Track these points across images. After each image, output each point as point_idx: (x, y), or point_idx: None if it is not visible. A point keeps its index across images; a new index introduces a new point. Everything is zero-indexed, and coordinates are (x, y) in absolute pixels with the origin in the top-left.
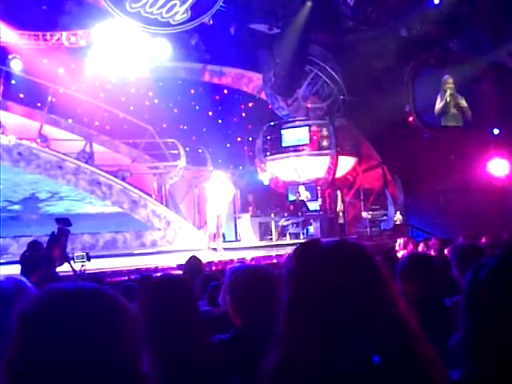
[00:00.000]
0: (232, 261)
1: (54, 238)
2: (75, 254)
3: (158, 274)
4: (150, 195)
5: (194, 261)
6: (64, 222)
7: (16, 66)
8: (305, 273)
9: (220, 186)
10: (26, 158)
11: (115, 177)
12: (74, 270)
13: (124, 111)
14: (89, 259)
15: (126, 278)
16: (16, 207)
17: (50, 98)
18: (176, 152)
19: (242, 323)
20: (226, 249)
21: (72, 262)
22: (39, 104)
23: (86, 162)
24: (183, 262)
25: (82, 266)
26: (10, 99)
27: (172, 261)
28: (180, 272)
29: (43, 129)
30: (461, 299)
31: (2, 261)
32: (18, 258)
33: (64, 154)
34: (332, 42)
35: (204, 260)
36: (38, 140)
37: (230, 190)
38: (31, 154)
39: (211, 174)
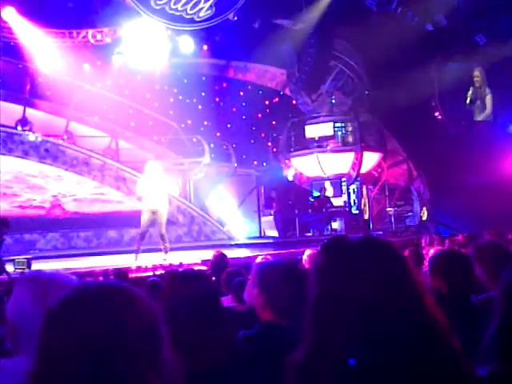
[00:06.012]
0: (255, 257)
1: None
2: (16, 260)
3: (180, 270)
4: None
5: (219, 256)
6: (1, 222)
7: (44, 63)
8: (332, 268)
9: (156, 178)
10: (52, 155)
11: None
12: (8, 276)
13: (149, 108)
14: (29, 266)
15: (151, 273)
16: None
17: (76, 95)
18: (200, 148)
19: (270, 318)
20: (248, 245)
21: (11, 266)
22: (65, 101)
23: (111, 159)
24: (208, 258)
25: (22, 273)
26: (36, 97)
27: (196, 256)
28: (205, 268)
29: (69, 125)
30: (496, 296)
31: (29, 256)
32: (45, 254)
33: (90, 151)
34: (357, 36)
35: (229, 256)
36: (65, 137)
37: (167, 182)
38: (58, 151)
39: (146, 165)
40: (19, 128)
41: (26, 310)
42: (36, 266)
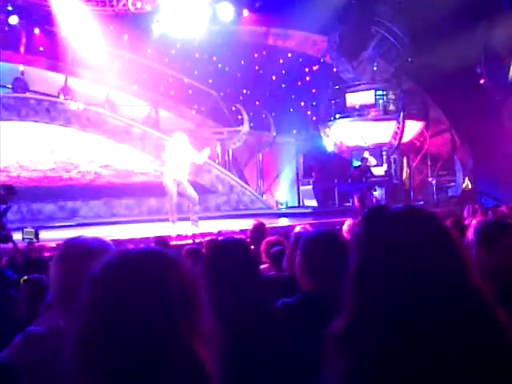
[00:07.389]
0: (294, 226)
1: None
2: (24, 229)
3: (221, 238)
4: (213, 160)
5: (258, 226)
6: (6, 189)
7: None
8: (373, 238)
9: (181, 150)
10: (94, 124)
11: None
12: (14, 244)
13: (188, 76)
14: (37, 236)
15: (191, 241)
16: None
17: (116, 65)
18: (239, 117)
19: (310, 287)
20: (287, 214)
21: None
22: (106, 70)
23: (151, 128)
24: (246, 227)
25: (30, 243)
26: (78, 66)
27: (235, 225)
28: (243, 236)
29: (110, 95)
30: None
31: (72, 223)
32: (87, 221)
33: (131, 120)
34: (400, 1)
35: (267, 225)
36: (106, 106)
37: (192, 154)
38: (99, 120)
39: (172, 137)
40: (61, 97)
41: (63, 273)
42: (79, 232)
